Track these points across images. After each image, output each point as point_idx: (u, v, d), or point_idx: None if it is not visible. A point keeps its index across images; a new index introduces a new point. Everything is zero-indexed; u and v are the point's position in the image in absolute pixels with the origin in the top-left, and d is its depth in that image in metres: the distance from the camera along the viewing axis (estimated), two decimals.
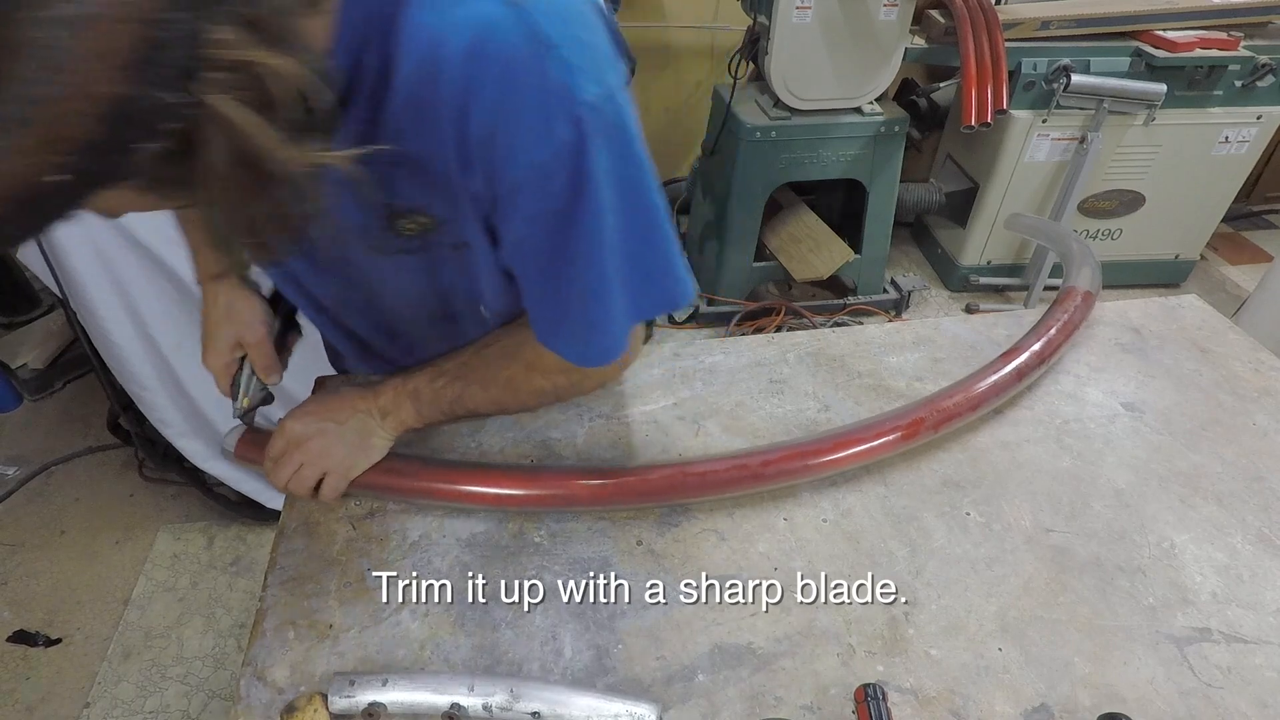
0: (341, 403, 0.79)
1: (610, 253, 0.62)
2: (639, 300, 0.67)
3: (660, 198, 0.63)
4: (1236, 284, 2.88)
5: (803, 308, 2.69)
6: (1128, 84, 2.31)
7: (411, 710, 0.65)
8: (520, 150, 0.56)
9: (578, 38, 0.53)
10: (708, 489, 0.83)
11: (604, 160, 0.56)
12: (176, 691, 1.67)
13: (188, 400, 1.73)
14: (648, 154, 0.61)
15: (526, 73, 0.52)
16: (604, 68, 0.55)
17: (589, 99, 0.53)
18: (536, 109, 0.53)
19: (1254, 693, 0.69)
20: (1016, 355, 0.97)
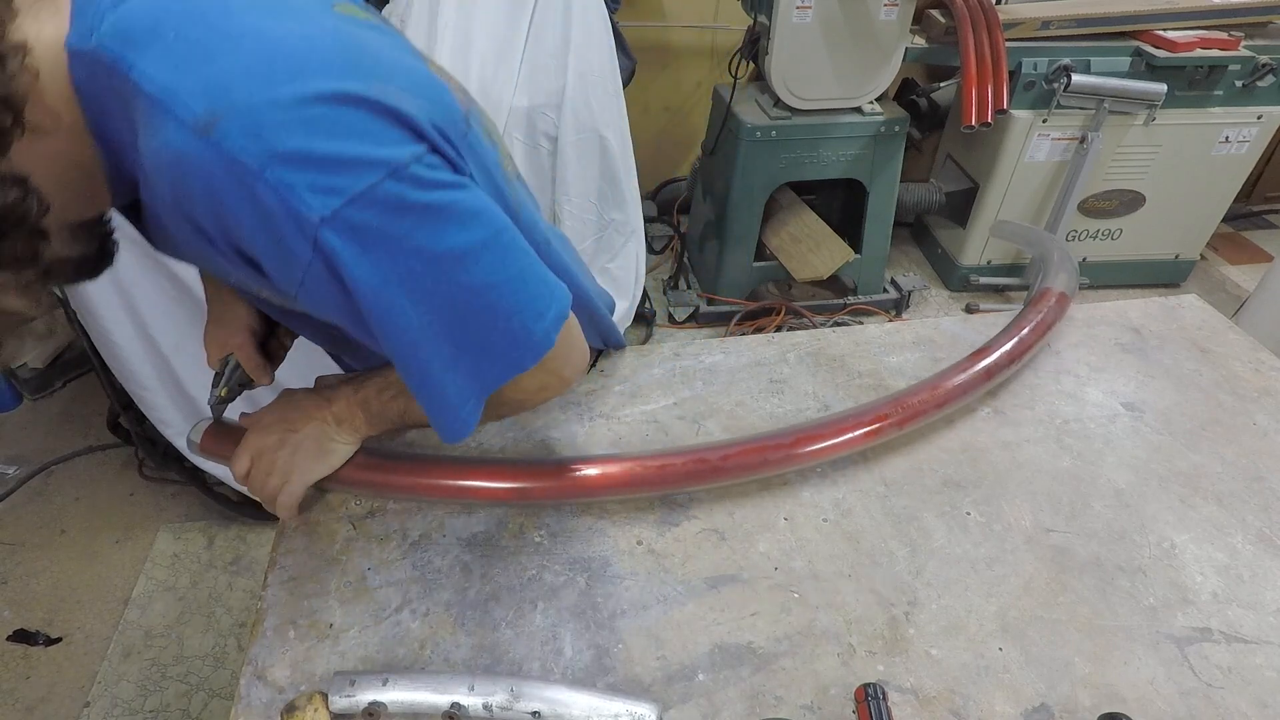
0: (298, 413, 0.79)
1: (418, 349, 0.58)
2: (477, 374, 0.62)
3: (488, 258, 0.57)
4: (1236, 284, 2.88)
5: (803, 307, 2.69)
6: (1128, 84, 2.31)
7: (412, 710, 0.65)
8: (272, 276, 0.54)
9: (294, 150, 0.47)
10: (668, 482, 0.83)
11: (365, 269, 0.51)
12: (176, 691, 1.67)
13: (188, 400, 1.73)
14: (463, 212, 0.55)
15: (238, 206, 0.48)
16: (344, 169, 0.48)
17: (326, 213, 0.48)
18: (266, 240, 0.50)
19: (1254, 693, 0.69)
20: (987, 354, 0.97)
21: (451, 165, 0.55)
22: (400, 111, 0.50)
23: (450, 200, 0.54)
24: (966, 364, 0.96)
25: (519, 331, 0.61)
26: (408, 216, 0.51)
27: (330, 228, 0.48)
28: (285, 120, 0.47)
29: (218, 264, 0.58)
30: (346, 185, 0.48)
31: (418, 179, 0.51)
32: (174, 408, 1.73)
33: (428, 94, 0.55)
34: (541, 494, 0.83)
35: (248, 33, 0.48)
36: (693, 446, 0.84)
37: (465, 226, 0.55)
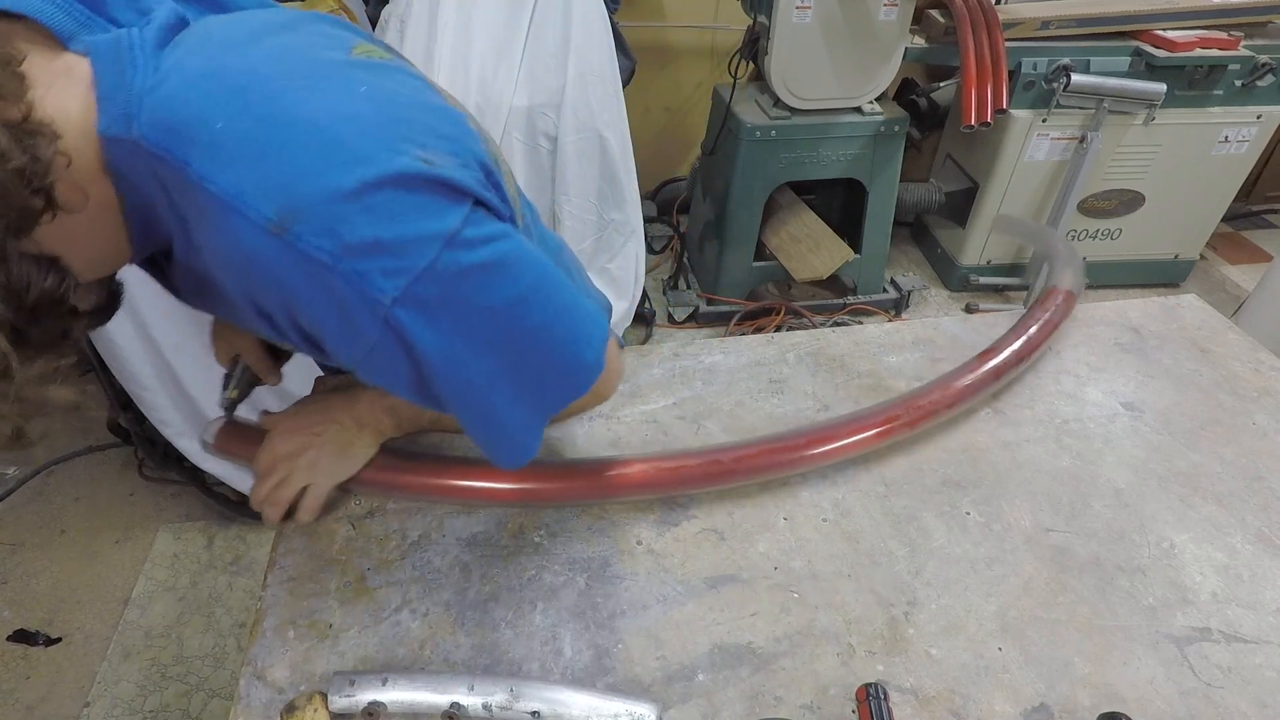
0: (321, 416, 0.80)
1: (483, 394, 0.60)
2: (538, 406, 0.65)
3: (539, 300, 0.59)
4: (1236, 284, 2.88)
5: (802, 307, 2.69)
6: (1127, 84, 2.31)
7: (411, 709, 0.65)
8: (340, 354, 0.55)
9: (359, 241, 0.48)
10: (686, 484, 0.84)
11: (434, 336, 0.53)
12: (176, 691, 1.67)
13: (188, 400, 1.73)
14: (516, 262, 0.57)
15: (312, 301, 0.51)
16: (407, 249, 0.50)
17: (395, 295, 0.50)
18: (338, 326, 0.52)
19: (1254, 692, 0.69)
20: (995, 354, 0.98)
21: (495, 213, 0.57)
22: (447, 179, 0.52)
23: (499, 254, 0.55)
24: (975, 364, 0.96)
25: (572, 361, 0.64)
26: (467, 280, 0.53)
27: (400, 306, 0.50)
28: (351, 213, 0.48)
29: (263, 332, 0.60)
30: (411, 265, 0.50)
31: (469, 241, 0.53)
32: (174, 408, 1.73)
33: (461, 141, 0.57)
34: (556, 495, 0.84)
35: (297, 121, 0.49)
36: (708, 448, 0.85)
37: (515, 276, 0.57)
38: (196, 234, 0.52)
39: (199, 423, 1.78)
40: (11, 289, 0.43)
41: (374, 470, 0.81)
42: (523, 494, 0.82)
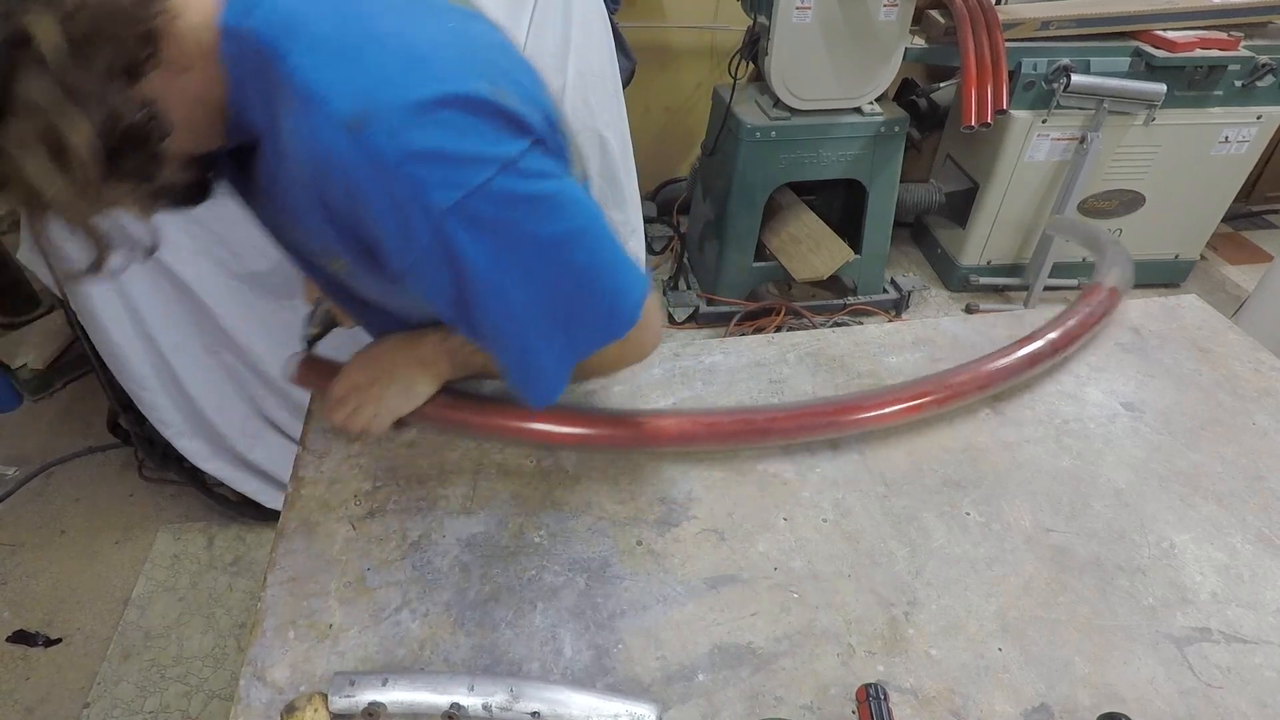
0: (390, 354, 0.88)
1: (519, 324, 0.63)
2: (570, 346, 0.67)
3: (585, 243, 0.63)
4: (1236, 284, 2.88)
5: (802, 308, 2.69)
6: (1127, 84, 2.31)
7: (411, 710, 0.65)
8: (390, 257, 0.59)
9: (423, 149, 0.53)
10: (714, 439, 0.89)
11: (480, 253, 0.57)
12: (176, 691, 1.67)
13: (187, 400, 1.73)
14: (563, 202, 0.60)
15: (372, 197, 0.54)
16: (466, 165, 0.54)
17: (448, 205, 0.54)
18: (393, 226, 0.55)
19: (1254, 692, 0.69)
20: (1031, 342, 0.99)
21: (555, 156, 0.61)
22: (513, 111, 0.56)
23: (553, 191, 0.59)
24: (1011, 349, 0.98)
25: (611, 308, 0.67)
26: (518, 207, 0.57)
27: (452, 217, 0.54)
28: (420, 123, 0.52)
29: (320, 237, 0.65)
30: (467, 180, 0.54)
31: (525, 172, 0.57)
32: (174, 408, 1.73)
33: (533, 89, 0.61)
34: (597, 440, 0.89)
35: (389, 35, 0.54)
36: (747, 408, 0.93)
37: (565, 215, 0.61)
38: (283, 131, 0.56)
39: (199, 423, 1.78)
40: (109, 113, 0.48)
41: (433, 406, 0.89)
42: (564, 437, 0.88)
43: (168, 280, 1.59)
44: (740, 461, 0.90)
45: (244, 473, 1.90)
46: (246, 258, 1.64)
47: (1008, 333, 1.09)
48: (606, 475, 0.89)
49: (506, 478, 0.89)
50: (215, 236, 1.60)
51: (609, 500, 0.86)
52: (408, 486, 0.88)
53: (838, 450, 0.92)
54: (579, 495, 0.87)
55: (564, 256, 0.62)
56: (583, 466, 0.90)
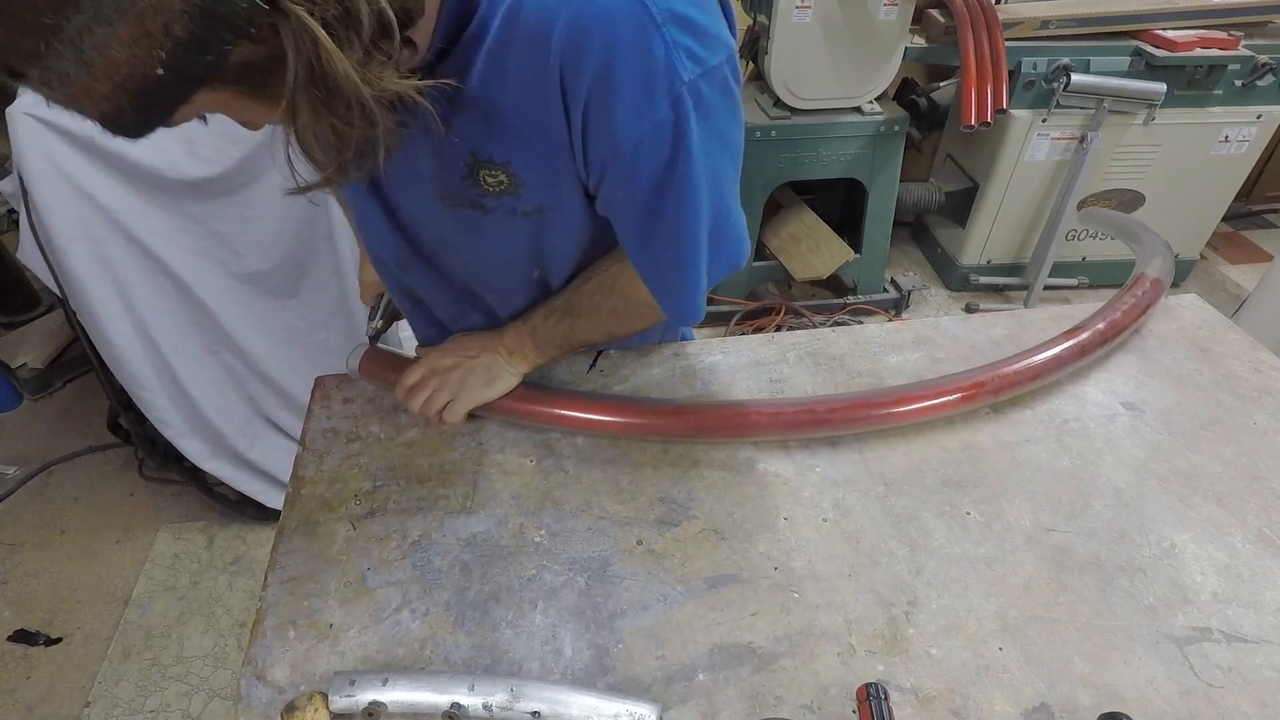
0: (474, 343, 0.89)
1: (700, 223, 0.66)
2: (716, 262, 0.71)
3: (733, 162, 0.66)
4: (1236, 283, 2.88)
5: (802, 307, 2.69)
6: (1127, 83, 2.31)
7: (412, 709, 0.65)
8: (621, 124, 0.58)
9: (683, 14, 0.55)
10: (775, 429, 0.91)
11: (698, 136, 0.59)
12: (176, 691, 1.67)
13: (188, 400, 1.73)
14: (739, 119, 0.64)
15: (632, 50, 0.54)
16: (707, 43, 0.57)
17: (689, 78, 0.55)
18: (640, 86, 0.56)
19: (1254, 692, 0.69)
20: (1080, 332, 1.00)
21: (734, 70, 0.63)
22: (728, 6, 0.61)
23: (738, 102, 0.63)
24: (1060, 339, 1.00)
25: (741, 233, 0.71)
26: (728, 101, 0.60)
27: (690, 90, 0.56)
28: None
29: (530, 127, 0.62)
30: (707, 57, 0.56)
31: (735, 69, 0.60)
32: (174, 408, 1.73)
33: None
34: (655, 430, 0.91)
35: None
36: (800, 399, 0.94)
37: (740, 126, 0.64)
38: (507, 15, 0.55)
39: (199, 423, 1.78)
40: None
41: (507, 399, 0.90)
42: (623, 427, 0.90)
43: (168, 280, 1.59)
44: (740, 461, 0.90)
45: (244, 472, 1.90)
46: (246, 258, 1.64)
47: (1007, 332, 1.09)
48: (606, 475, 0.89)
49: (506, 477, 0.89)
50: (215, 236, 1.60)
51: (609, 500, 0.86)
52: (408, 486, 0.88)
53: (837, 450, 0.92)
54: (579, 495, 0.87)
55: (729, 168, 0.65)
56: (583, 466, 0.90)
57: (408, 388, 0.89)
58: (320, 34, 0.42)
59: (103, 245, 1.49)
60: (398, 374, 0.90)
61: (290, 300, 1.74)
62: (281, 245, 1.65)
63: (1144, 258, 1.18)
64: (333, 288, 1.76)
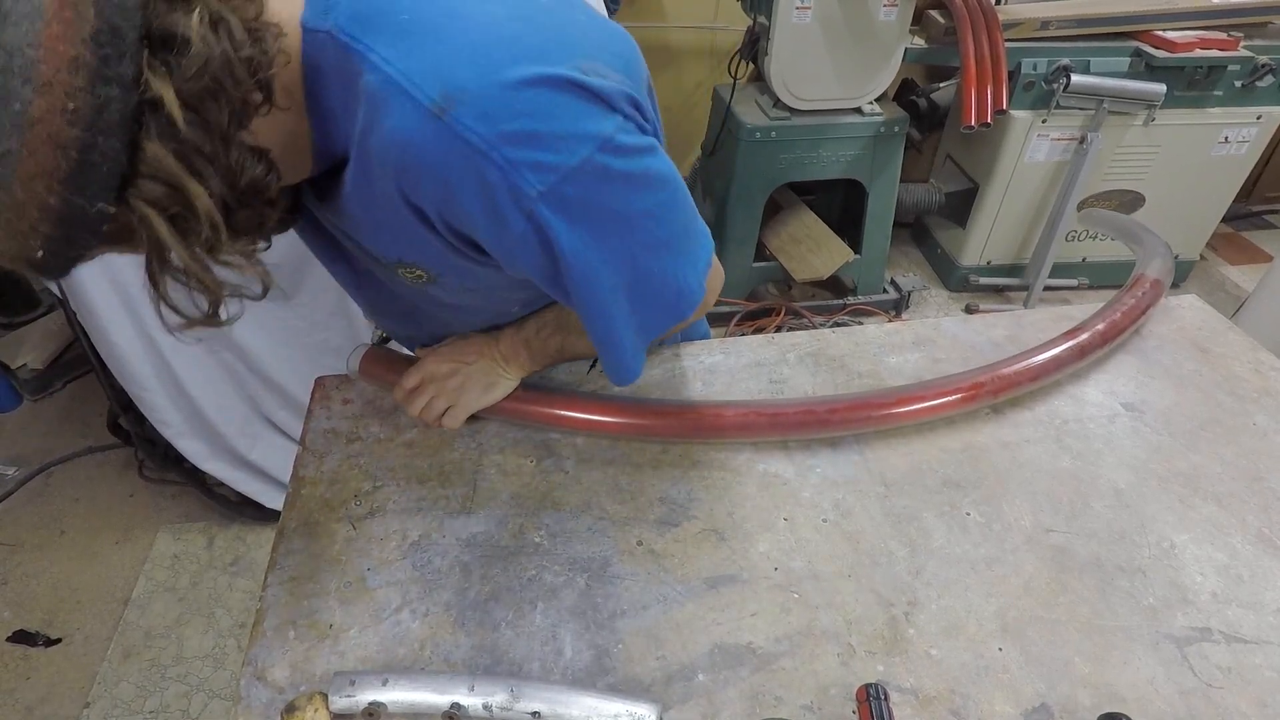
0: (471, 348, 0.88)
1: (607, 304, 0.63)
2: (646, 330, 0.69)
3: (667, 214, 0.63)
4: (1236, 284, 2.88)
5: (802, 308, 2.69)
6: (1127, 84, 2.31)
7: (412, 710, 0.65)
8: (488, 241, 0.58)
9: (517, 131, 0.51)
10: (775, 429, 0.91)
11: (574, 237, 0.56)
12: (176, 691, 1.67)
13: (188, 400, 1.73)
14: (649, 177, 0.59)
15: (466, 184, 0.53)
16: (558, 146, 0.52)
17: (539, 190, 0.52)
18: (487, 213, 0.54)
19: (1254, 693, 0.69)
20: (1080, 333, 1.00)
21: (645, 125, 0.59)
22: (599, 88, 0.53)
23: (644, 166, 0.58)
24: (1060, 340, 1.00)
25: (681, 284, 0.66)
26: (612, 185, 0.56)
27: (545, 203, 0.53)
28: (509, 104, 0.50)
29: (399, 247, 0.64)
30: (560, 162, 0.52)
31: (621, 148, 0.55)
32: (174, 408, 1.73)
33: (628, 59, 0.60)
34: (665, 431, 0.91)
35: (474, 15, 0.52)
36: (802, 400, 0.94)
37: (654, 188, 0.60)
38: (371, 134, 0.54)
39: (199, 423, 1.78)
40: (230, 170, 0.48)
41: (507, 400, 0.90)
42: (622, 427, 0.91)
43: None
44: (740, 461, 0.90)
45: (244, 473, 1.90)
46: None
47: (1007, 333, 1.09)
48: (607, 475, 0.89)
49: (506, 478, 0.89)
50: None
51: (609, 500, 0.86)
52: (408, 486, 0.88)
53: (838, 450, 0.92)
54: (579, 495, 0.87)
55: (646, 234, 0.61)
56: (583, 466, 0.90)
57: (406, 391, 0.89)
58: (162, 230, 0.46)
59: None
60: (398, 375, 0.90)
61: (290, 300, 1.74)
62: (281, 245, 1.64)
63: (1144, 258, 1.18)
64: (333, 287, 1.75)
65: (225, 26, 0.45)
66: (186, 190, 0.45)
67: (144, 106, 0.42)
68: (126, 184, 0.44)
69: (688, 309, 0.68)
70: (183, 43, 0.43)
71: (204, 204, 0.46)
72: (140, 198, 0.45)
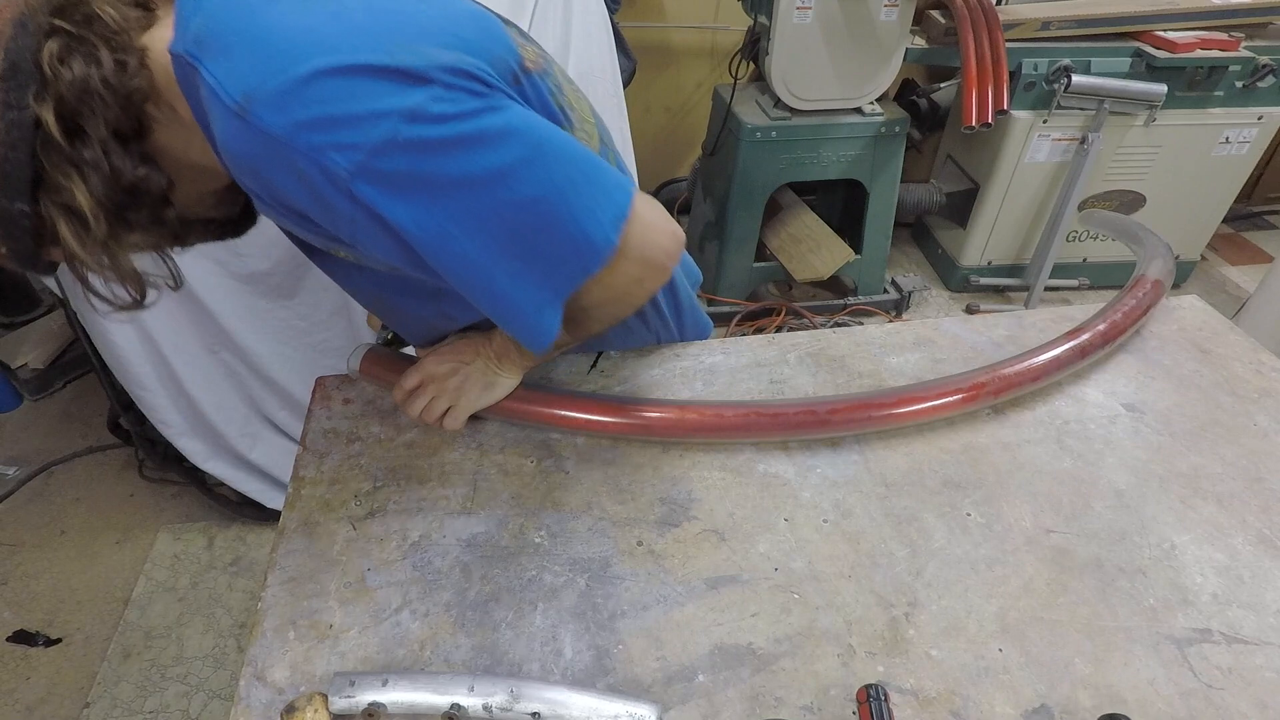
0: (468, 347, 0.88)
1: (484, 269, 0.62)
2: (547, 285, 0.65)
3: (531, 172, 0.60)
4: (1237, 285, 2.88)
5: (803, 308, 2.69)
6: (1128, 84, 2.31)
7: (412, 710, 0.65)
8: (332, 229, 0.60)
9: (312, 118, 0.53)
10: (775, 430, 0.91)
11: (404, 209, 0.57)
12: (176, 691, 1.67)
13: (188, 400, 1.73)
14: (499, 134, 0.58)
15: (283, 177, 0.56)
16: (359, 124, 0.54)
17: (350, 169, 0.54)
18: (313, 200, 0.57)
19: (1254, 694, 0.69)
20: (1081, 333, 1.01)
21: (473, 94, 0.58)
22: (405, 66, 0.55)
23: (475, 128, 0.57)
24: (1060, 341, 1.00)
25: (577, 237, 0.64)
26: (434, 154, 0.56)
27: (362, 180, 0.55)
28: (300, 95, 0.53)
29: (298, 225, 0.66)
30: (366, 139, 0.54)
31: (435, 116, 0.55)
32: (174, 408, 1.73)
33: (468, 40, 0.60)
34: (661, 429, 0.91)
35: (284, 20, 0.55)
36: (803, 400, 0.94)
37: (497, 147, 0.58)
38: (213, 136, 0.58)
39: (199, 423, 1.78)
40: (111, 174, 0.55)
41: (508, 400, 0.90)
42: (622, 427, 0.90)
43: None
44: (741, 462, 0.90)
45: (244, 473, 1.90)
46: (246, 258, 1.64)
47: (1008, 333, 1.09)
48: (607, 475, 0.89)
49: (507, 478, 0.89)
50: None
51: (609, 500, 0.86)
52: (408, 486, 0.88)
53: (838, 451, 0.92)
54: (579, 495, 0.87)
55: (506, 193, 0.59)
56: (583, 467, 0.90)
57: (406, 391, 0.89)
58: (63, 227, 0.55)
59: None
60: (398, 375, 0.90)
61: (290, 300, 1.74)
62: (282, 245, 1.65)
63: (1145, 259, 1.18)
64: (333, 288, 1.74)
65: (94, 58, 0.53)
66: (71, 190, 0.54)
67: (36, 125, 0.52)
68: (35, 188, 0.54)
69: (593, 260, 0.65)
70: (61, 73, 0.52)
71: (87, 201, 0.54)
72: (47, 198, 0.54)
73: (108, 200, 0.56)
